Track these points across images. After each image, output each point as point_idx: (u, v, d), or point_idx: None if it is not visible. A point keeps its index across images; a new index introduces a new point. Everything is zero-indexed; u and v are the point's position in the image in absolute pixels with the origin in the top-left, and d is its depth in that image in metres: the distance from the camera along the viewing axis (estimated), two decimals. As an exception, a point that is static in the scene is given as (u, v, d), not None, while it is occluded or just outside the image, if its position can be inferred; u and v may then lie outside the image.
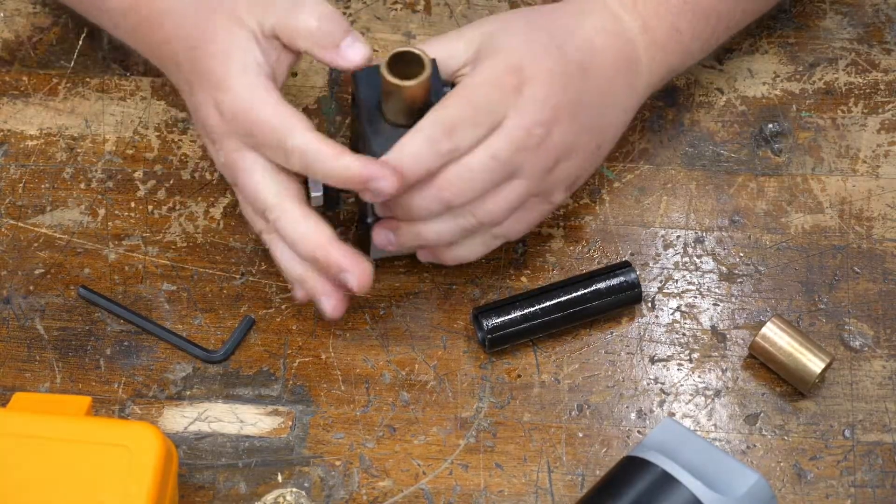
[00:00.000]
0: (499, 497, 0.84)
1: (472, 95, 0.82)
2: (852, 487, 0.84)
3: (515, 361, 0.89)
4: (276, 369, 0.88)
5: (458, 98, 0.82)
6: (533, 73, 0.83)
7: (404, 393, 0.87)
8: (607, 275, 0.89)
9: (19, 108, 0.98)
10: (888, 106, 0.97)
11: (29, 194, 0.94)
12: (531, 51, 0.83)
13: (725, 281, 0.91)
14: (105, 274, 0.91)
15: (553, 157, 0.84)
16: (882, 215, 0.93)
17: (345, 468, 0.85)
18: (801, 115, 0.97)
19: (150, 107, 0.98)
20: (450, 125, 0.81)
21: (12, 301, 0.90)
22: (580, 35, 0.86)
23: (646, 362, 0.89)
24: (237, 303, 0.90)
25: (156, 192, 0.94)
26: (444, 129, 0.80)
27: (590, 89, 0.85)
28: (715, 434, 0.86)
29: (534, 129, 0.82)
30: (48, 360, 0.89)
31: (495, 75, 0.82)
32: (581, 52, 0.85)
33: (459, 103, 0.81)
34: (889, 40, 1.00)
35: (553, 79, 0.83)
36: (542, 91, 0.82)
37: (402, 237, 0.85)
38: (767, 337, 0.87)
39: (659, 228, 0.93)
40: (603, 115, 0.87)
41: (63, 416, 0.78)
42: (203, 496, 0.84)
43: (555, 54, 0.84)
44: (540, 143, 0.83)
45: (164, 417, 0.87)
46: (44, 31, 1.01)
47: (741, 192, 0.94)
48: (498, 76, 0.82)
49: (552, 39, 0.85)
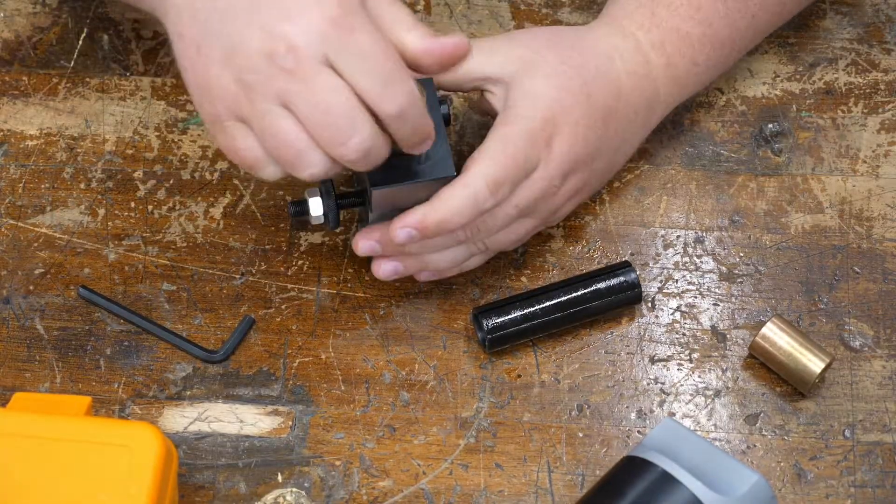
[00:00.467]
0: (499, 497, 0.84)
1: (515, 152, 0.83)
2: (852, 487, 0.84)
3: (515, 361, 0.89)
4: (276, 369, 0.88)
5: (502, 155, 0.82)
6: (562, 125, 0.84)
7: (404, 393, 0.87)
8: (607, 275, 0.89)
9: (19, 108, 0.98)
10: (888, 106, 0.97)
11: (29, 194, 0.94)
12: (562, 100, 0.85)
13: (725, 281, 0.91)
14: (105, 274, 0.91)
15: (563, 200, 0.88)
16: (882, 215, 0.93)
17: (345, 468, 0.85)
18: (801, 115, 0.97)
19: (150, 107, 0.98)
20: (495, 183, 0.82)
21: (12, 301, 0.90)
22: (610, 78, 0.87)
23: (646, 362, 0.89)
24: (237, 303, 0.90)
25: (156, 192, 0.94)
26: (490, 187, 0.82)
27: (609, 136, 0.88)
28: (715, 434, 0.86)
29: (554, 180, 0.85)
30: (48, 360, 0.89)
31: (532, 129, 0.83)
32: (608, 98, 0.87)
33: (505, 162, 0.82)
34: (889, 40, 1.00)
35: (578, 131, 0.85)
36: (567, 144, 0.85)
37: (410, 267, 0.87)
38: (767, 337, 0.87)
39: (659, 228, 0.93)
40: (615, 156, 0.90)
41: (63, 416, 0.78)
42: (203, 496, 0.84)
43: (584, 104, 0.85)
44: (556, 192, 0.86)
45: (164, 417, 0.87)
46: (44, 31, 1.01)
47: (741, 192, 0.94)
48: (534, 130, 0.83)
49: (583, 85, 0.86)
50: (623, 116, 0.88)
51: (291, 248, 0.92)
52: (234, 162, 0.78)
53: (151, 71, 0.99)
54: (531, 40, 0.88)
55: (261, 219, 0.93)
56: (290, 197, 0.94)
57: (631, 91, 0.88)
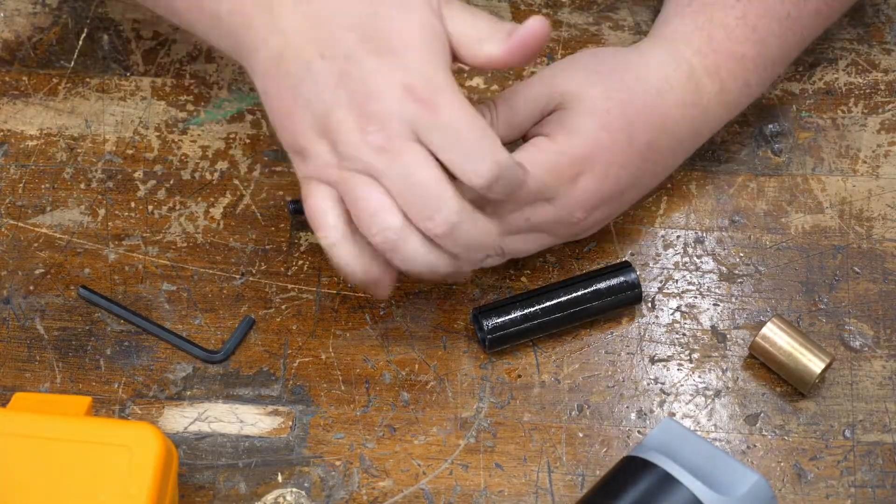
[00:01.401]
0: (499, 497, 0.84)
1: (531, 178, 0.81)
2: (852, 487, 0.84)
3: (515, 361, 0.89)
4: (276, 369, 0.88)
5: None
6: (594, 164, 0.83)
7: (404, 393, 0.87)
8: (607, 275, 0.89)
9: (19, 108, 0.98)
10: (888, 106, 0.97)
11: (29, 194, 0.94)
12: (600, 140, 0.83)
13: (725, 281, 0.91)
14: (105, 274, 0.91)
15: (584, 229, 0.87)
16: (882, 215, 0.93)
17: (345, 468, 0.85)
18: (801, 115, 0.97)
19: (150, 107, 0.98)
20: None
21: (12, 301, 0.90)
22: (657, 114, 0.85)
23: (646, 362, 0.89)
24: (237, 303, 0.90)
25: (156, 192, 0.94)
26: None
27: (647, 169, 0.86)
28: (715, 434, 0.86)
29: (575, 213, 0.84)
30: (48, 360, 0.89)
31: (559, 163, 0.82)
32: (651, 134, 0.85)
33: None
34: (889, 40, 1.00)
35: (610, 171, 0.83)
36: (595, 184, 0.83)
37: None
38: (767, 337, 0.87)
39: (659, 228, 0.93)
40: (652, 183, 0.89)
41: (63, 416, 0.78)
42: (203, 496, 0.84)
43: (622, 143, 0.83)
44: (577, 223, 0.85)
45: (164, 417, 0.87)
46: (44, 31, 1.01)
47: (741, 192, 0.94)
48: (561, 165, 0.82)
49: (627, 126, 0.83)
50: (666, 148, 0.86)
51: (291, 248, 0.92)
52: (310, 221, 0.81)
53: (151, 71, 0.99)
54: (574, 71, 0.85)
55: (261, 219, 0.93)
56: (290, 197, 0.94)
57: (677, 123, 0.86)
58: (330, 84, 0.77)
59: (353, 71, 0.77)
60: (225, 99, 0.98)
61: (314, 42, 0.77)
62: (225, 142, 0.96)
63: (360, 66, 0.76)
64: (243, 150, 0.96)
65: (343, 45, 0.77)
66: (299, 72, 0.78)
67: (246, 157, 0.95)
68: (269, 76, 0.79)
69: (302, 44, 0.78)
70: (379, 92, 0.76)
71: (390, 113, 0.76)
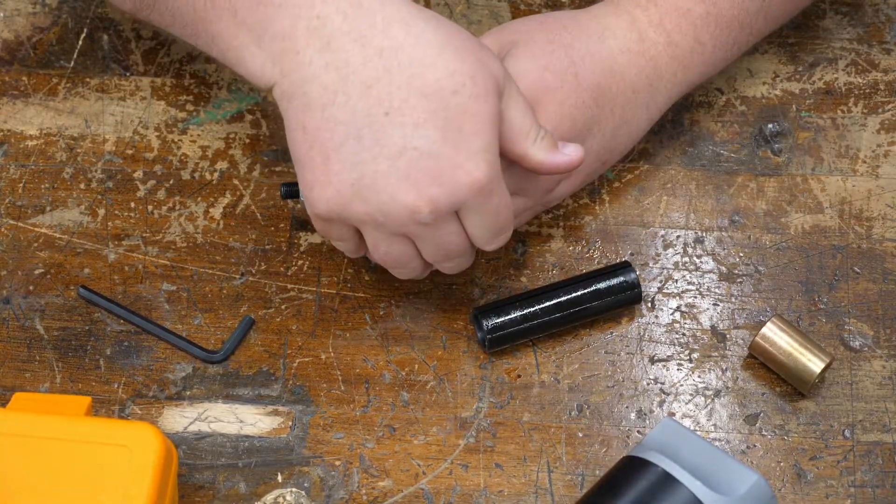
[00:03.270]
0: (499, 497, 0.84)
1: None
2: (852, 487, 0.84)
3: (515, 361, 0.89)
4: (275, 369, 0.88)
5: None
6: (546, 104, 0.84)
7: (404, 393, 0.87)
8: (607, 275, 0.89)
9: (19, 108, 0.98)
10: (888, 106, 0.97)
11: (29, 194, 0.94)
12: (545, 79, 0.84)
13: (725, 281, 0.91)
14: (105, 274, 0.91)
15: (554, 181, 0.87)
16: (882, 215, 0.93)
17: (345, 468, 0.85)
18: (801, 115, 0.97)
19: (150, 107, 0.98)
20: None
21: (12, 301, 0.90)
22: (601, 56, 0.87)
23: (646, 362, 0.89)
24: (237, 303, 0.90)
25: (156, 192, 0.94)
26: None
27: (603, 115, 0.87)
28: (715, 434, 0.86)
29: None
30: (48, 360, 0.89)
31: None
32: (598, 76, 0.86)
33: None
34: (889, 40, 1.00)
35: (563, 110, 0.85)
36: (550, 123, 0.84)
37: None
38: (767, 337, 0.87)
39: (659, 228, 0.93)
40: (614, 137, 0.89)
41: (63, 416, 0.78)
42: (203, 496, 0.84)
43: (570, 83, 0.85)
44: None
45: (164, 417, 0.87)
46: (44, 31, 1.01)
47: (741, 192, 0.94)
48: None
49: (570, 65, 0.85)
50: (619, 95, 0.87)
51: (291, 248, 0.92)
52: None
53: (151, 71, 0.99)
54: (523, 24, 0.88)
55: (261, 219, 0.93)
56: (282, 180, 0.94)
57: (626, 69, 0.87)
58: (390, 153, 0.76)
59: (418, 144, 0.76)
60: (224, 99, 0.98)
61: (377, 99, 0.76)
62: (225, 142, 0.96)
63: (426, 140, 0.76)
64: (243, 150, 0.96)
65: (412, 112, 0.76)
66: (349, 124, 0.76)
67: (245, 157, 0.96)
68: (310, 114, 0.77)
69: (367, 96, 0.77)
70: (442, 175, 0.76)
71: (448, 198, 0.77)
